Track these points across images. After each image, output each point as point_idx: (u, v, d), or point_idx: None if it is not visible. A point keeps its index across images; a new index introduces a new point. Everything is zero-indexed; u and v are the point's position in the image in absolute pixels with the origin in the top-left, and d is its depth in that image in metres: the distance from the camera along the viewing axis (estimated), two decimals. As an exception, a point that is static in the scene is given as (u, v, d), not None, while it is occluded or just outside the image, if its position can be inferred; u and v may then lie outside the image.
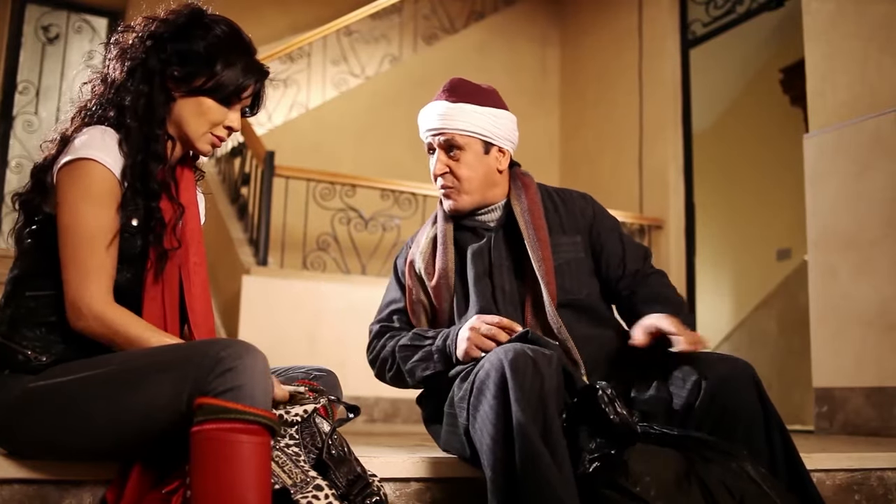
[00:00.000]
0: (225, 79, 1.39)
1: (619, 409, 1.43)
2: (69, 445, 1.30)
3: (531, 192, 1.79)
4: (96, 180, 1.31)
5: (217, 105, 1.41)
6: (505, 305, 1.71)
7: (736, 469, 1.36)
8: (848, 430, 3.11)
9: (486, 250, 1.75)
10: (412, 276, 1.80)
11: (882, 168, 3.13)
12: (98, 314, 1.29)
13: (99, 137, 1.34)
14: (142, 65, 1.38)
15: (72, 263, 1.29)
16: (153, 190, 1.36)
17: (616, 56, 5.74)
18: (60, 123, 1.43)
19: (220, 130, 1.44)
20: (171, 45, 1.38)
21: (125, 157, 1.34)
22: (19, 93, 5.46)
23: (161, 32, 1.39)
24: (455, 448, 1.66)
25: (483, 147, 1.74)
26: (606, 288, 1.81)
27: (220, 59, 1.39)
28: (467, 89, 1.76)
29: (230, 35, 1.42)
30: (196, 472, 1.16)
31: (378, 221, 4.85)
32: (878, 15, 3.23)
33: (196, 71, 1.38)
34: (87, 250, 1.29)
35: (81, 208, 1.30)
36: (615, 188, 5.48)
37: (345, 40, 5.89)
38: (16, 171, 5.40)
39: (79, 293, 1.29)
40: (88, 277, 1.29)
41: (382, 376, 1.81)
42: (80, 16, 5.70)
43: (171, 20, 1.41)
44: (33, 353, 1.32)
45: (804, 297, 3.49)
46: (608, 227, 1.83)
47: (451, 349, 1.62)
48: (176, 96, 1.40)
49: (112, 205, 1.33)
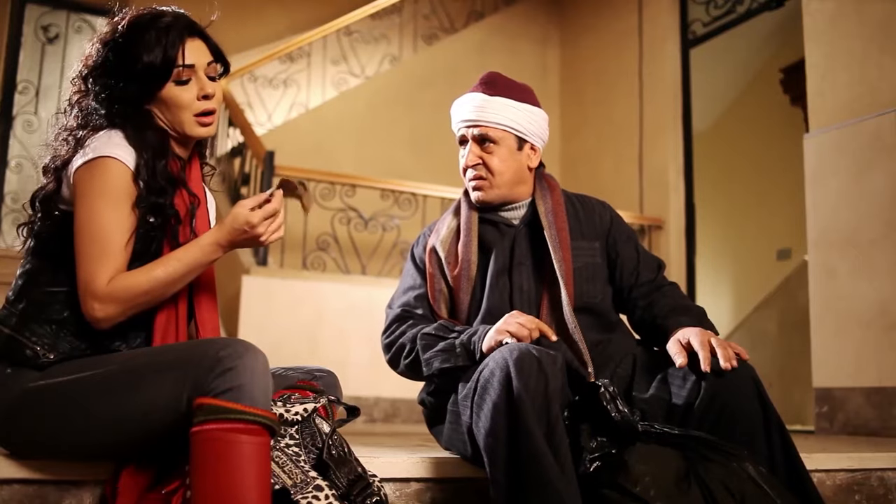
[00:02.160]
0: (153, 62, 1.36)
1: (620, 407, 1.43)
2: (69, 445, 1.30)
3: (556, 194, 1.80)
4: (114, 176, 1.32)
5: (175, 86, 1.39)
6: (521, 302, 1.70)
7: (736, 469, 1.36)
8: (848, 430, 3.11)
9: (509, 246, 1.75)
10: (433, 264, 1.78)
11: (882, 168, 3.13)
12: (106, 295, 1.28)
13: (113, 138, 1.35)
14: (108, 93, 1.39)
15: (86, 259, 1.30)
16: (165, 186, 1.37)
17: (616, 56, 5.73)
18: (60, 127, 1.44)
19: (198, 106, 1.42)
20: (99, 81, 1.39)
21: (136, 156, 1.35)
22: (19, 93, 5.45)
23: (86, 74, 1.41)
24: (457, 446, 1.66)
25: (517, 143, 1.75)
26: (619, 296, 1.80)
27: (135, 55, 1.36)
28: (505, 84, 1.76)
29: (130, 27, 1.40)
30: (196, 473, 1.16)
31: (378, 221, 4.85)
32: (878, 15, 3.23)
33: (130, 80, 1.38)
34: (100, 246, 1.30)
35: (99, 205, 1.31)
36: (615, 188, 5.47)
37: (345, 40, 5.88)
38: (15, 170, 5.39)
39: (89, 286, 1.29)
40: (99, 271, 1.29)
41: (396, 362, 1.75)
42: (80, 16, 5.69)
43: (91, 54, 1.42)
44: (41, 350, 1.32)
45: (804, 297, 3.49)
46: (625, 235, 1.83)
47: (477, 346, 1.58)
48: (143, 104, 1.40)
49: (128, 202, 1.34)
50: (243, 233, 1.35)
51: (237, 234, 1.35)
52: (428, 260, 1.80)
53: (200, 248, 1.35)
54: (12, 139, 5.39)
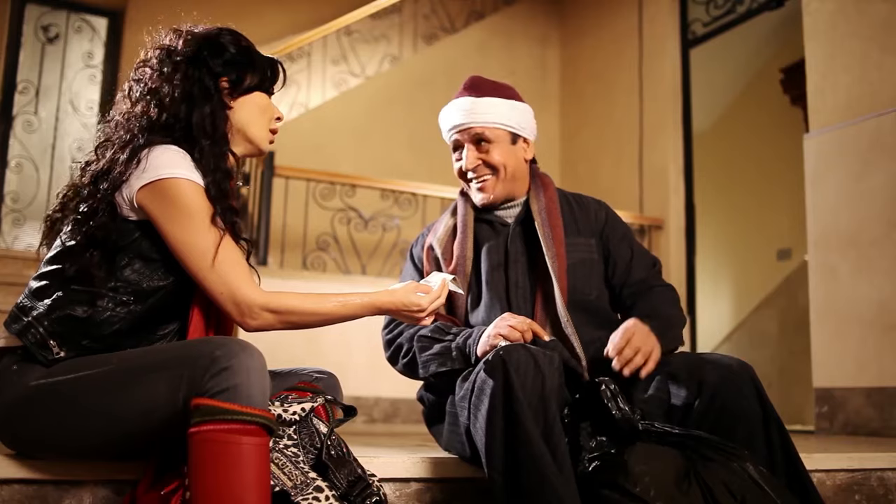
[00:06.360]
0: (264, 67, 1.50)
1: (621, 405, 1.43)
2: (69, 444, 1.30)
3: (550, 191, 1.83)
4: (198, 197, 1.33)
5: (267, 97, 1.52)
6: (517, 299, 1.72)
7: (737, 469, 1.35)
8: (848, 430, 3.11)
9: (503, 244, 1.77)
10: (430, 262, 1.81)
11: (882, 168, 3.13)
12: (264, 305, 1.33)
13: (180, 157, 1.35)
14: (198, 84, 1.41)
15: (211, 276, 1.31)
16: (233, 206, 1.40)
17: (616, 56, 5.73)
18: (107, 139, 1.42)
19: (274, 123, 1.54)
20: (213, 59, 1.44)
21: (203, 176, 1.36)
22: (19, 93, 5.45)
23: (196, 53, 1.43)
24: (456, 448, 1.66)
25: (510, 138, 1.78)
26: (612, 295, 1.81)
27: (253, 55, 1.49)
28: (489, 85, 1.80)
29: (240, 36, 1.50)
30: (194, 474, 1.16)
31: (378, 221, 4.85)
32: (878, 15, 3.23)
33: (243, 72, 1.46)
34: (215, 259, 1.31)
35: (195, 224, 1.32)
36: (615, 188, 5.47)
37: (345, 40, 5.88)
38: (15, 170, 5.39)
39: (238, 300, 1.32)
40: (237, 280, 1.32)
41: (395, 361, 1.79)
42: (80, 16, 5.69)
43: (197, 37, 1.46)
44: (54, 342, 1.31)
45: (804, 297, 3.49)
46: (619, 233, 1.84)
47: (472, 348, 1.60)
48: (231, 104, 1.45)
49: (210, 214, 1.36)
50: (408, 309, 1.47)
51: (401, 308, 1.47)
52: (425, 258, 1.82)
53: (363, 305, 1.44)
54: (12, 139, 5.38)
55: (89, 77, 5.65)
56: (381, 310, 1.46)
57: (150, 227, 1.34)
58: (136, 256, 1.35)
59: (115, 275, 1.34)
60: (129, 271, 1.35)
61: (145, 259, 1.35)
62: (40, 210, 5.17)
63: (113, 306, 1.33)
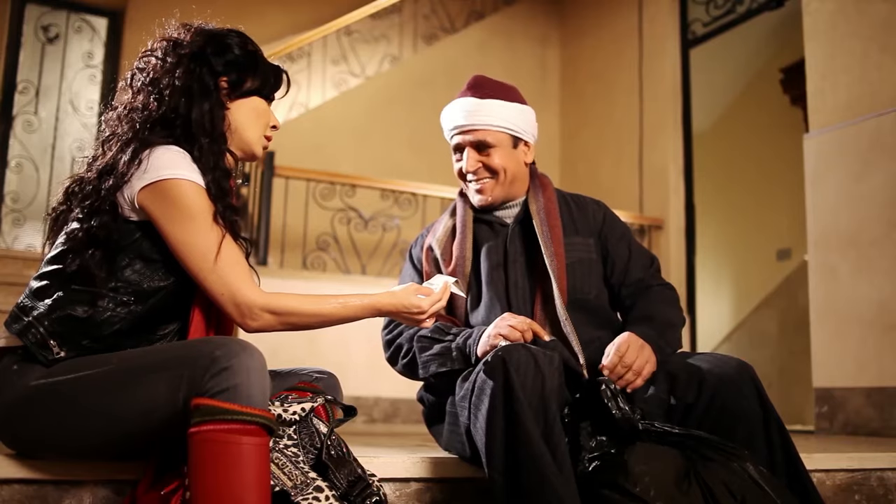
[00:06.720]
0: (266, 74, 1.50)
1: (621, 405, 1.43)
2: (69, 444, 1.30)
3: (548, 192, 1.83)
4: (199, 198, 1.33)
5: (265, 103, 1.51)
6: (516, 299, 1.72)
7: (737, 469, 1.35)
8: (848, 430, 3.11)
9: (503, 244, 1.77)
10: (429, 262, 1.81)
11: (882, 168, 3.13)
12: (264, 306, 1.33)
13: (181, 157, 1.35)
14: (197, 80, 1.41)
15: (211, 277, 1.31)
16: (234, 205, 1.40)
17: (616, 56, 5.73)
18: (107, 137, 1.42)
19: (269, 130, 1.54)
20: (215, 58, 1.44)
21: (203, 175, 1.37)
22: (19, 93, 5.45)
23: (200, 49, 1.43)
24: (456, 448, 1.66)
25: (512, 141, 1.78)
26: (612, 295, 1.81)
27: (258, 60, 1.49)
28: (493, 85, 1.79)
29: (248, 39, 1.50)
30: (195, 474, 1.16)
31: (378, 221, 4.85)
32: (878, 15, 3.23)
33: (244, 75, 1.46)
34: (216, 260, 1.31)
35: (196, 225, 1.32)
36: (615, 188, 5.47)
37: (345, 40, 5.88)
38: (15, 170, 5.39)
39: (238, 301, 1.32)
40: (237, 282, 1.32)
41: (395, 361, 1.79)
42: (80, 16, 5.69)
43: (204, 34, 1.46)
44: (54, 342, 1.31)
45: (804, 297, 3.49)
46: (617, 233, 1.84)
47: (472, 348, 1.60)
48: (229, 105, 1.45)
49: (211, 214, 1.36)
50: (408, 311, 1.47)
51: (401, 309, 1.47)
52: (425, 258, 1.82)
53: (363, 306, 1.43)
54: (12, 139, 5.38)
55: (89, 77, 5.65)
56: (382, 311, 1.46)
57: (151, 227, 1.34)
58: (137, 257, 1.35)
59: (116, 275, 1.34)
60: (129, 271, 1.35)
61: (146, 259, 1.36)
62: (40, 210, 5.17)
63: (113, 306, 1.33)
